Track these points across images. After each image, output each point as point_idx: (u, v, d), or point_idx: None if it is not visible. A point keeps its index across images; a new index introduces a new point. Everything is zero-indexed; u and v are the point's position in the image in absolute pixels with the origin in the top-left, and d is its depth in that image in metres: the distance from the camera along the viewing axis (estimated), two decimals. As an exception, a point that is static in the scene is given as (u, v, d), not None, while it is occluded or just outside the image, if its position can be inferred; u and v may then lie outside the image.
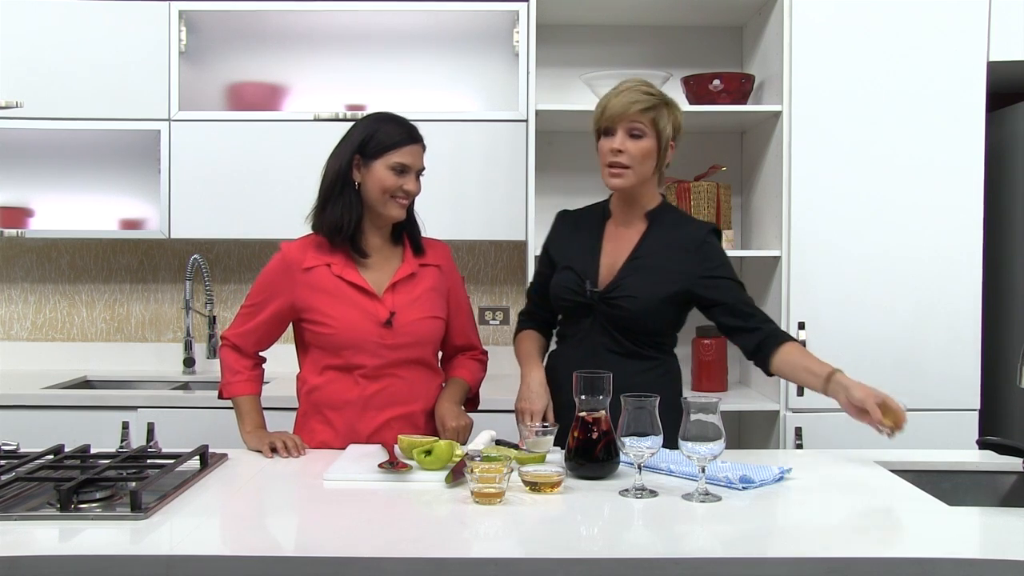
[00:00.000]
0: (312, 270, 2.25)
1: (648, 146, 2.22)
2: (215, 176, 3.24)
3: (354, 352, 2.23)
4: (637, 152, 2.21)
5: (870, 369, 2.95)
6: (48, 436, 2.23)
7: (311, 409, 2.30)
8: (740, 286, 2.28)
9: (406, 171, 2.23)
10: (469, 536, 1.61)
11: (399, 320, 2.24)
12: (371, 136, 2.24)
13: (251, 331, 2.31)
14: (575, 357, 2.28)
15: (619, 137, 2.21)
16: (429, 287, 2.32)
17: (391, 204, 2.25)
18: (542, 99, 3.19)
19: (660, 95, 2.25)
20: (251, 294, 2.33)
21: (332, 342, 2.23)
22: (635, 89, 2.23)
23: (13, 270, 3.61)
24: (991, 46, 2.95)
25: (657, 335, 2.29)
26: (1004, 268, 3.14)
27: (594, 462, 1.90)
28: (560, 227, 2.43)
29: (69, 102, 3.24)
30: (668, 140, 2.25)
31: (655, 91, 2.26)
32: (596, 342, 2.28)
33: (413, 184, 2.25)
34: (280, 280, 2.27)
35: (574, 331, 2.33)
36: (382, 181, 2.22)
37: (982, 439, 2.16)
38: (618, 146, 2.21)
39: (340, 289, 2.25)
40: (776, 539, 1.67)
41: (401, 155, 2.23)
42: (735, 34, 3.49)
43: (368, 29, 3.44)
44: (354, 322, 2.23)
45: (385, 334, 2.23)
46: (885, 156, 2.96)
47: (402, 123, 2.28)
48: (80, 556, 1.48)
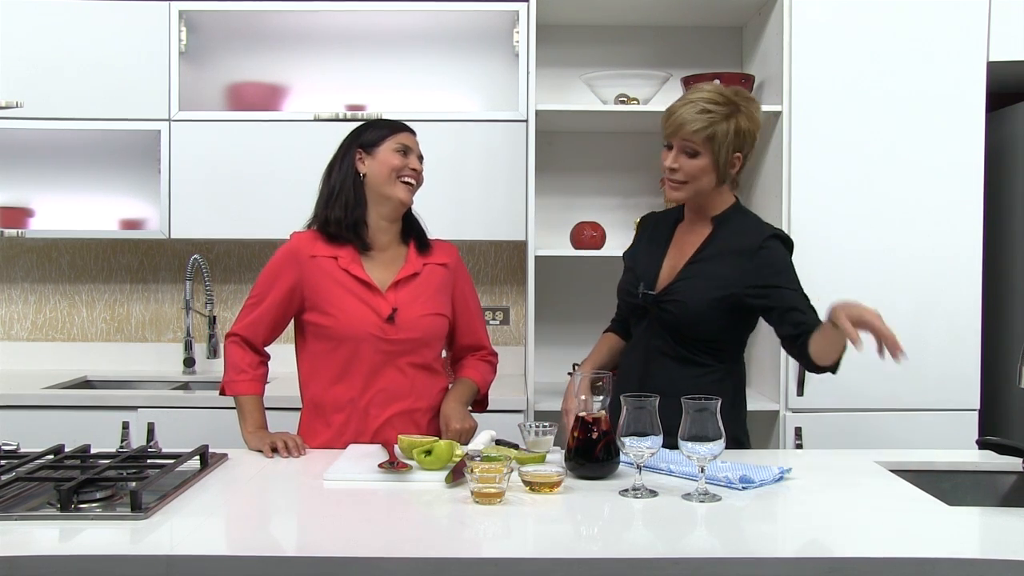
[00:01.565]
0: (319, 259, 2.28)
1: (703, 164, 2.16)
2: (215, 176, 3.24)
3: (355, 345, 2.24)
4: (691, 169, 2.17)
5: (870, 369, 2.95)
6: (48, 436, 2.23)
7: (314, 412, 2.30)
8: (796, 292, 2.15)
9: (409, 151, 2.31)
10: (469, 536, 1.61)
11: (401, 316, 2.26)
12: (366, 132, 2.33)
13: (258, 320, 2.30)
14: (633, 359, 2.28)
15: (674, 153, 2.18)
16: (434, 285, 2.33)
17: (399, 186, 2.28)
18: (542, 99, 3.19)
19: (723, 110, 2.15)
20: (257, 284, 2.33)
21: (333, 333, 2.24)
22: (697, 102, 2.15)
23: (13, 270, 3.61)
24: (991, 46, 2.95)
25: (711, 341, 2.21)
26: (1004, 268, 3.14)
27: (594, 462, 1.90)
28: (639, 231, 2.45)
29: (69, 102, 3.24)
30: (729, 154, 2.16)
31: (720, 104, 2.15)
32: (651, 345, 2.24)
33: (417, 163, 2.32)
34: (288, 264, 2.29)
35: (635, 333, 2.32)
36: (389, 162, 2.28)
37: (982, 439, 2.16)
38: (671, 164, 2.19)
39: (345, 281, 2.27)
40: (776, 539, 1.67)
41: (401, 138, 2.31)
42: (735, 34, 3.49)
43: (368, 29, 3.44)
44: (357, 314, 2.24)
45: (387, 329, 2.24)
46: (885, 156, 2.96)
47: (391, 119, 2.40)
48: (80, 556, 1.48)
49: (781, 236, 2.24)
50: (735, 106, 2.16)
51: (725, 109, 2.15)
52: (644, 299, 2.24)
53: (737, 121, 2.16)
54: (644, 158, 3.44)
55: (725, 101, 2.16)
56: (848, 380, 2.94)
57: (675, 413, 1.77)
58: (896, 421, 2.94)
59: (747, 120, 2.18)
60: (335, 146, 2.36)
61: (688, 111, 2.15)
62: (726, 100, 2.16)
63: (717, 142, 2.14)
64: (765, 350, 3.17)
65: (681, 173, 2.18)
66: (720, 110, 2.14)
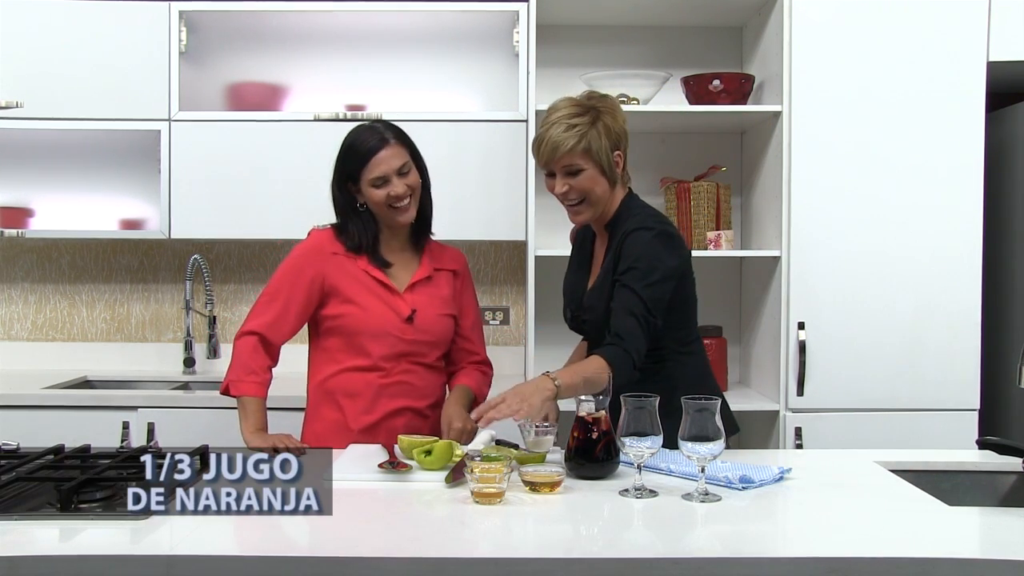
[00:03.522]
0: (340, 256, 2.32)
1: (590, 175, 2.16)
2: (215, 176, 3.24)
3: (372, 341, 2.28)
4: (581, 185, 2.16)
5: (870, 369, 2.97)
6: (48, 436, 2.22)
7: (323, 397, 2.33)
8: (632, 292, 2.08)
9: (386, 180, 2.26)
10: (469, 536, 1.61)
11: (420, 316, 2.31)
12: (346, 160, 2.30)
13: (280, 316, 2.29)
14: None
15: (559, 180, 2.18)
16: (447, 289, 2.40)
17: (392, 212, 2.30)
18: (542, 99, 3.18)
19: (586, 119, 2.14)
20: (274, 280, 2.33)
21: (352, 328, 2.28)
22: (559, 121, 2.14)
23: (13, 270, 3.61)
24: (991, 46, 2.95)
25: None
26: (1004, 268, 3.14)
27: (594, 462, 1.90)
28: (572, 250, 2.46)
29: (69, 102, 3.23)
30: (609, 157, 2.16)
31: (580, 114, 2.14)
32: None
33: (399, 187, 2.27)
34: (310, 259, 2.31)
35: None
36: (373, 198, 2.28)
37: (982, 439, 2.16)
38: (561, 190, 2.18)
39: (366, 279, 2.31)
40: (776, 539, 1.67)
41: (374, 168, 2.26)
42: (735, 34, 3.49)
43: (368, 29, 3.44)
44: (378, 311, 2.29)
45: (406, 329, 2.30)
46: (885, 156, 2.96)
47: (370, 129, 2.31)
48: (80, 556, 1.48)
49: (650, 227, 2.15)
50: (595, 110, 2.16)
51: (588, 117, 2.14)
52: (570, 325, 2.33)
53: (603, 122, 2.15)
54: (644, 158, 3.42)
55: (584, 109, 2.16)
56: (848, 380, 2.97)
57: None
58: (896, 421, 2.94)
59: (611, 118, 2.17)
60: (335, 146, 2.36)
61: (556, 132, 2.13)
62: (584, 108, 2.17)
63: (594, 150, 2.14)
64: (765, 350, 3.17)
65: (574, 192, 2.17)
66: (584, 119, 2.14)
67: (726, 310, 3.42)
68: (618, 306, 2.09)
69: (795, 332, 2.94)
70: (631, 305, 2.07)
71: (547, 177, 2.21)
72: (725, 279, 3.45)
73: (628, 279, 2.10)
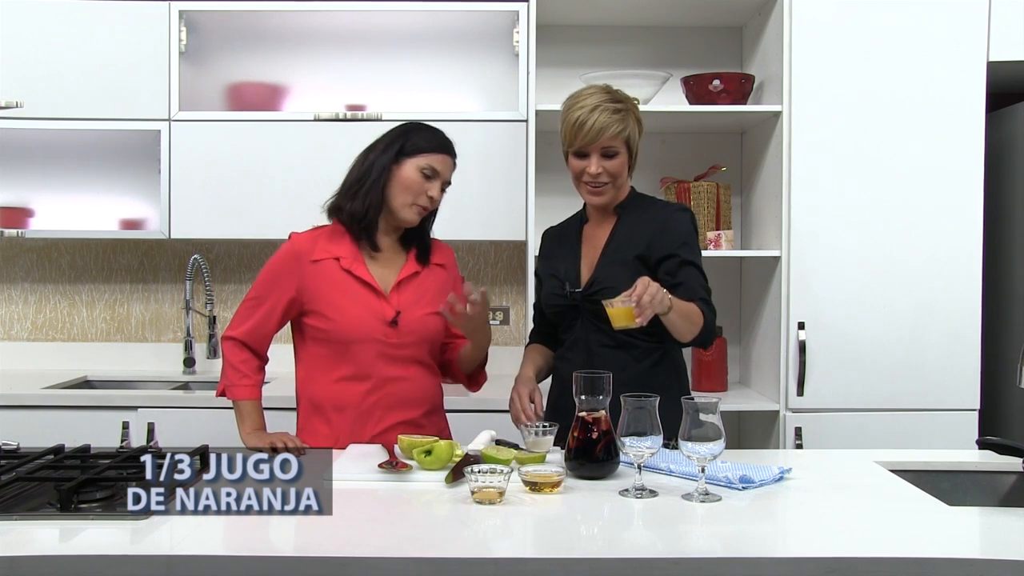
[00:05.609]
0: (320, 263, 2.26)
1: (623, 160, 2.27)
2: (215, 176, 3.24)
3: (356, 348, 2.23)
4: (614, 169, 2.26)
5: (870, 369, 2.97)
6: (48, 436, 2.23)
7: (312, 410, 2.30)
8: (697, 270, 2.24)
9: (434, 176, 2.27)
10: (469, 536, 1.61)
11: (404, 319, 2.26)
12: (415, 135, 2.29)
13: (258, 326, 2.29)
14: (574, 359, 2.29)
15: (594, 160, 2.24)
16: (435, 286, 2.34)
17: (409, 209, 2.27)
18: (542, 99, 3.19)
19: (623, 106, 2.24)
20: (256, 285, 2.31)
21: (335, 337, 2.24)
22: (602, 106, 2.22)
23: (13, 270, 3.61)
24: (991, 46, 2.95)
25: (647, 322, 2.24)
26: (1004, 268, 3.14)
27: (594, 462, 1.90)
28: (544, 244, 2.49)
29: (69, 102, 3.24)
30: (638, 147, 2.30)
31: (618, 102, 2.25)
32: (590, 340, 2.29)
33: (437, 191, 2.29)
34: (288, 268, 2.27)
35: (570, 335, 2.35)
36: (408, 180, 2.25)
37: (982, 439, 2.16)
38: (595, 170, 2.24)
39: (347, 284, 2.26)
40: (776, 539, 1.67)
41: (433, 160, 2.27)
42: (735, 34, 3.49)
43: (368, 29, 3.44)
44: (359, 318, 2.23)
45: (390, 333, 2.25)
46: (885, 156, 2.96)
47: (440, 133, 2.34)
48: (80, 556, 1.48)
49: (687, 209, 2.34)
50: (627, 101, 2.27)
51: (623, 106, 2.25)
52: (573, 297, 2.30)
53: (635, 114, 2.28)
54: (644, 158, 3.38)
55: (619, 99, 2.26)
56: (848, 380, 2.97)
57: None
58: (896, 421, 2.94)
59: (637, 111, 2.30)
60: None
61: (602, 117, 2.21)
62: (618, 99, 2.26)
63: (631, 138, 2.26)
64: (765, 350, 3.17)
65: (606, 175, 2.25)
66: (622, 107, 2.25)
67: (726, 310, 3.42)
68: (691, 279, 2.21)
69: (795, 332, 2.94)
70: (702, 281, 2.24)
71: (574, 157, 2.28)
72: (725, 279, 3.45)
73: (686, 253, 2.24)
